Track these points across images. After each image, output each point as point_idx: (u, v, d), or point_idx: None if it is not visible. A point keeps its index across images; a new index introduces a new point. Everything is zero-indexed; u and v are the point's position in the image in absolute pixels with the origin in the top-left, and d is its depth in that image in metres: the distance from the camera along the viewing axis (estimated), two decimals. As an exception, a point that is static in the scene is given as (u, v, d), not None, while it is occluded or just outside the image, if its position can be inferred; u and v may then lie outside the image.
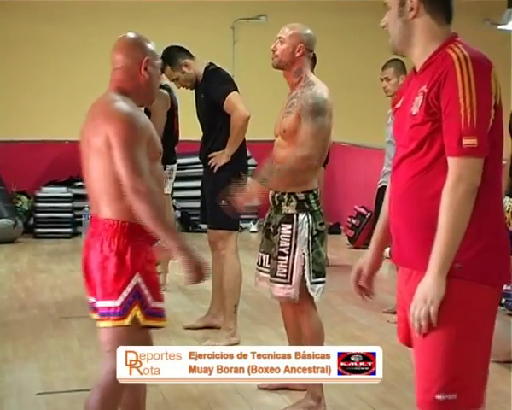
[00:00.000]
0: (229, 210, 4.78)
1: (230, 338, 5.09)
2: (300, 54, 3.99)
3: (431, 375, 2.43)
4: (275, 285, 4.02)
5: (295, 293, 3.96)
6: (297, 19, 4.60)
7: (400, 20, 2.49)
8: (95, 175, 3.06)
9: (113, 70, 3.19)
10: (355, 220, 8.74)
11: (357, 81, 10.46)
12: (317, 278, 3.99)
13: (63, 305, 6.17)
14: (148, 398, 4.17)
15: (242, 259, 5.42)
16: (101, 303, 3.06)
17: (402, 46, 2.52)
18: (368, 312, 5.92)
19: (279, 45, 4.03)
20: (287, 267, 3.96)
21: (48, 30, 9.89)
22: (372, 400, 4.27)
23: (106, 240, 3.02)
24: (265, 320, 5.69)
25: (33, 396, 4.18)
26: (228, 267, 5.20)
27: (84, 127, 3.13)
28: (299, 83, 3.98)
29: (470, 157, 2.35)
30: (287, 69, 4.03)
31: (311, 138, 3.87)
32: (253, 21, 10.55)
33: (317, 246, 3.99)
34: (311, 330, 4.03)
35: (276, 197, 4.06)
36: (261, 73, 10.29)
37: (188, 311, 5.98)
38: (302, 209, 3.97)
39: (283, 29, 4.08)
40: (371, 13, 10.64)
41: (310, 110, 3.87)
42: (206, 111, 5.21)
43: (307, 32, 4.06)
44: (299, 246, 3.95)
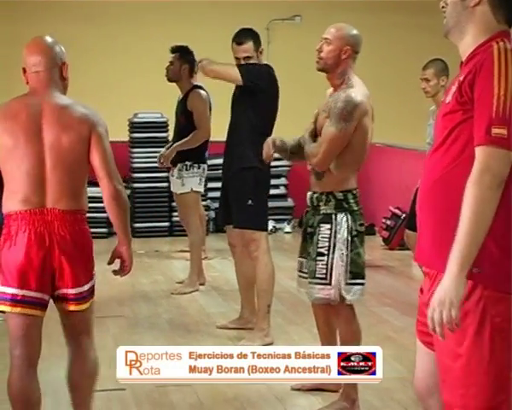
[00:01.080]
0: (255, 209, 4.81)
1: (264, 338, 5.09)
2: (346, 56, 3.92)
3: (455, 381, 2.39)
4: (314, 287, 3.97)
5: (335, 294, 3.93)
6: (331, 19, 4.57)
7: (461, 5, 2.44)
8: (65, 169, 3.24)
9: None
10: (390, 221, 8.69)
11: (391, 82, 10.41)
12: (355, 279, 3.94)
13: (98, 304, 6.14)
14: (182, 398, 4.21)
15: (276, 260, 5.42)
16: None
17: (454, 31, 2.48)
18: (403, 313, 5.88)
19: (325, 47, 3.94)
20: (326, 268, 3.92)
21: (81, 31, 9.99)
22: (407, 402, 4.24)
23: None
24: (299, 321, 5.68)
25: (68, 395, 4.20)
26: (261, 268, 5.19)
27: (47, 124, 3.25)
28: (341, 85, 3.93)
29: (498, 147, 2.26)
30: (331, 71, 3.95)
31: (327, 142, 3.86)
32: (287, 22, 10.55)
33: (357, 247, 3.94)
34: (348, 334, 3.99)
35: (315, 198, 4.02)
36: (295, 73, 10.33)
37: (222, 311, 5.99)
38: (341, 209, 3.93)
39: (329, 29, 3.97)
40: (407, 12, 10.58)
41: (335, 113, 3.84)
42: (238, 97, 5.20)
43: (354, 34, 3.98)
44: (337, 246, 3.91)
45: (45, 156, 3.23)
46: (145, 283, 6.99)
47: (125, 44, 10.13)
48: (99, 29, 10.10)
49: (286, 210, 9.91)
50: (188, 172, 6.63)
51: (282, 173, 9.85)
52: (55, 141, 3.24)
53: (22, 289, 3.21)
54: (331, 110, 3.87)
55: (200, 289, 6.63)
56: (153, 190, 9.29)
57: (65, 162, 3.25)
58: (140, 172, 9.31)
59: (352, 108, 3.83)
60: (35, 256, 3.20)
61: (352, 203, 3.95)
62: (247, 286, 5.39)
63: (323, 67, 3.97)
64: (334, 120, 3.84)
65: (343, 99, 3.85)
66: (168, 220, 9.34)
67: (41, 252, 3.21)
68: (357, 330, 4.03)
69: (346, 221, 3.92)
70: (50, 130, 3.24)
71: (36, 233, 3.20)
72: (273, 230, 9.46)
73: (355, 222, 3.94)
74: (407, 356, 4.98)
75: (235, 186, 5.22)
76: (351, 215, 3.93)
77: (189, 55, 6.69)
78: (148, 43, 9.86)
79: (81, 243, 3.30)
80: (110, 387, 4.11)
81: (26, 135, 3.22)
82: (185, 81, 6.63)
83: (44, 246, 3.21)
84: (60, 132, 3.25)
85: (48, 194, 3.23)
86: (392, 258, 7.79)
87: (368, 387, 4.16)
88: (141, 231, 9.21)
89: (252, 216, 5.16)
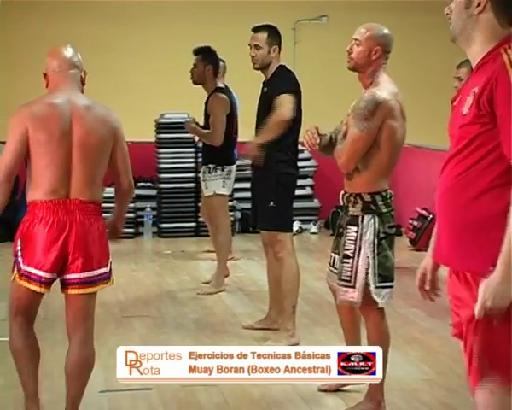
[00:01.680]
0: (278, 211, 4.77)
1: (290, 339, 5.08)
2: (377, 57, 3.90)
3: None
4: (340, 288, 3.96)
5: (358, 297, 3.90)
6: (359, 19, 4.56)
7: (465, 12, 2.48)
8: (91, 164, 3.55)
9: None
10: (416, 222, 8.65)
11: (418, 82, 10.36)
12: (384, 282, 3.90)
13: (125, 304, 6.24)
14: (208, 399, 4.22)
15: (302, 260, 5.41)
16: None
17: (461, 38, 2.52)
18: (430, 315, 5.85)
19: (355, 47, 3.92)
20: (351, 270, 3.90)
21: (109, 32, 10.05)
22: (434, 404, 4.22)
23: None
24: (325, 322, 5.67)
25: (96, 394, 4.24)
26: (286, 268, 5.19)
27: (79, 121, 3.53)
28: (370, 85, 3.92)
29: None
30: (361, 72, 3.94)
31: (350, 143, 3.85)
32: (314, 22, 10.53)
33: (384, 249, 3.90)
34: (376, 335, 3.96)
35: (345, 198, 4.00)
36: (322, 73, 10.32)
37: (248, 311, 5.99)
38: (368, 211, 3.90)
39: (359, 30, 3.95)
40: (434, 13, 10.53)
41: (357, 113, 3.83)
42: (265, 107, 5.19)
43: (384, 34, 3.95)
44: (363, 249, 3.88)
45: (73, 152, 3.51)
46: (171, 283, 7.01)
47: (151, 45, 10.17)
48: (126, 29, 10.15)
49: (312, 211, 9.89)
50: (210, 175, 6.64)
51: (308, 174, 9.84)
52: (82, 138, 3.51)
53: (40, 270, 3.51)
54: (354, 110, 3.86)
55: (226, 290, 6.64)
56: (179, 191, 9.32)
57: (89, 158, 3.54)
58: (166, 173, 9.34)
59: (374, 107, 3.81)
60: (55, 241, 3.49)
61: (381, 205, 3.91)
62: (276, 286, 5.39)
63: (354, 67, 3.96)
64: (357, 121, 3.83)
65: (365, 98, 3.84)
66: (194, 221, 9.36)
67: (61, 237, 3.49)
68: (385, 331, 4.00)
69: (372, 224, 3.88)
70: (79, 128, 3.51)
71: (58, 221, 3.49)
72: (299, 230, 9.45)
73: (383, 224, 3.89)
74: (434, 358, 4.96)
75: (259, 188, 5.24)
76: (379, 217, 3.89)
77: (213, 56, 6.68)
78: (175, 44, 9.89)
79: (97, 231, 3.58)
80: (137, 387, 4.13)
81: (60, 132, 3.48)
82: (210, 82, 6.63)
83: (64, 232, 3.50)
84: (87, 130, 3.52)
85: (72, 186, 3.52)
86: (418, 259, 7.68)
87: (394, 388, 4.15)
88: (167, 231, 9.25)
89: (274, 218, 5.16)
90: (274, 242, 5.25)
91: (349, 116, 3.96)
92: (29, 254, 3.52)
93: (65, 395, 3.70)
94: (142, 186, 9.51)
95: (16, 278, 3.57)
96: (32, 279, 3.52)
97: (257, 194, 5.34)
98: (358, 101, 3.87)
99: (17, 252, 3.57)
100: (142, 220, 9.27)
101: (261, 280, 6.21)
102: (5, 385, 4.43)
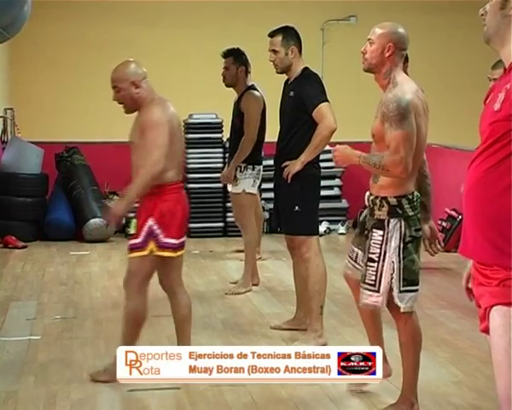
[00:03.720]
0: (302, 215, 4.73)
1: (318, 339, 5.08)
2: (390, 53, 3.86)
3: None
4: (364, 292, 3.93)
5: (383, 301, 3.87)
6: (387, 19, 4.52)
7: (500, 13, 2.48)
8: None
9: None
10: (445, 223, 8.60)
11: (447, 82, 10.29)
12: (408, 286, 3.86)
13: (154, 304, 6.22)
14: (236, 398, 4.22)
15: (330, 261, 5.40)
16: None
17: (495, 39, 2.53)
18: (459, 316, 5.82)
19: (368, 47, 3.91)
20: (375, 274, 3.86)
21: (137, 33, 10.11)
22: (464, 406, 4.19)
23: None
24: (353, 322, 5.65)
25: (125, 393, 4.26)
26: (312, 269, 5.18)
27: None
28: (387, 85, 3.87)
29: None
30: (377, 72, 3.91)
31: (403, 145, 3.75)
32: (342, 22, 10.51)
33: (410, 253, 3.85)
34: (408, 338, 3.94)
35: (371, 200, 3.97)
36: (350, 74, 10.26)
37: (275, 312, 5.99)
38: (394, 215, 3.85)
39: (373, 29, 3.95)
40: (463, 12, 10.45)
41: (392, 116, 3.75)
42: (292, 109, 5.18)
43: (397, 31, 3.92)
44: (388, 253, 3.84)
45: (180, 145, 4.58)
46: (199, 283, 7.03)
47: (180, 45, 10.22)
48: (155, 31, 10.20)
49: (340, 211, 9.86)
50: (241, 174, 6.65)
51: (336, 174, 9.81)
52: (182, 137, 4.68)
53: (182, 238, 4.46)
54: (386, 115, 3.78)
55: (253, 290, 6.65)
56: (207, 191, 9.34)
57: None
58: (195, 173, 9.37)
59: (406, 105, 3.75)
60: (187, 214, 4.55)
61: (407, 209, 3.86)
62: (302, 287, 5.39)
63: (368, 67, 3.93)
64: (397, 123, 3.75)
65: (393, 100, 3.77)
66: (222, 221, 9.38)
67: (187, 211, 4.57)
68: (416, 333, 3.97)
69: (399, 228, 3.84)
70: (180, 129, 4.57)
71: (185, 198, 4.59)
72: (327, 231, 9.43)
73: (410, 228, 3.85)
74: (463, 359, 4.93)
75: (283, 192, 5.23)
76: (405, 221, 3.85)
77: (243, 56, 6.70)
78: (203, 44, 9.92)
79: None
80: (165, 386, 4.15)
81: (178, 132, 4.50)
82: (242, 83, 6.66)
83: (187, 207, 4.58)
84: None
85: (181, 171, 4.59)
86: (448, 260, 7.69)
87: (424, 391, 4.12)
88: (195, 231, 9.27)
89: (300, 222, 5.16)
90: (300, 243, 5.24)
91: (376, 117, 3.91)
92: (173, 228, 4.36)
93: (93, 394, 3.72)
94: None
95: (155, 251, 4.31)
96: (172, 248, 4.36)
97: (281, 198, 5.32)
98: (386, 105, 3.79)
99: (153, 229, 4.32)
100: (170, 220, 9.30)
101: (289, 281, 6.20)
102: (36, 382, 4.48)
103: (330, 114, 5.06)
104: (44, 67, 10.06)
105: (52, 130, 9.84)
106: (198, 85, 9.80)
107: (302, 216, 5.14)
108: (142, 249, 4.34)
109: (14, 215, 8.72)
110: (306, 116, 5.08)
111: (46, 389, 4.32)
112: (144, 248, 4.34)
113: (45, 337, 5.28)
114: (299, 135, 5.12)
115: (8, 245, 8.49)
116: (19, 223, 8.72)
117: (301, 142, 5.09)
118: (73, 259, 8.00)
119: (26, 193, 8.85)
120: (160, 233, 4.33)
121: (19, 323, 5.68)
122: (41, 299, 6.38)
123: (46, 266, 7.64)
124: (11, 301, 6.28)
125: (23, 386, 4.42)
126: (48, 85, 10.05)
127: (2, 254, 8.23)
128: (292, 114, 5.16)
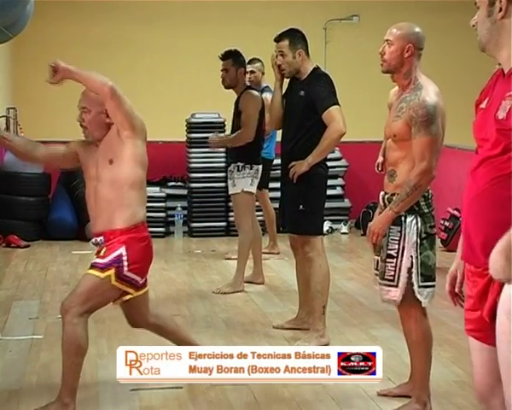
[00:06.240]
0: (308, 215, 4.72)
1: (320, 339, 5.08)
2: (409, 55, 3.89)
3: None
4: (383, 288, 3.98)
5: (400, 296, 3.91)
6: (390, 19, 4.54)
7: (489, 21, 2.49)
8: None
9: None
10: (448, 223, 8.60)
11: (450, 82, 10.27)
12: (426, 281, 3.92)
13: (156, 303, 6.25)
14: (239, 398, 4.22)
15: (332, 260, 5.40)
16: None
17: (489, 46, 2.53)
18: (461, 316, 5.78)
19: (387, 48, 3.92)
20: (394, 270, 3.91)
21: (139, 32, 10.11)
22: (466, 406, 4.19)
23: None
24: (355, 322, 5.66)
25: (127, 392, 4.26)
26: (316, 269, 5.18)
27: None
28: (408, 85, 3.90)
29: None
30: (396, 72, 3.94)
31: (429, 151, 3.83)
32: (345, 22, 10.51)
33: (426, 249, 3.91)
34: (419, 336, 3.97)
35: (386, 198, 4.00)
36: (353, 73, 10.28)
37: (278, 311, 6.00)
38: (411, 211, 3.90)
39: (390, 30, 3.95)
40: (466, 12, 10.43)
41: (421, 121, 3.80)
42: (301, 109, 5.17)
43: (415, 31, 3.94)
44: (407, 249, 3.89)
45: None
46: (202, 282, 7.03)
47: (182, 45, 10.21)
48: (158, 30, 10.20)
49: (342, 211, 9.85)
50: (239, 173, 6.64)
51: (339, 174, 9.80)
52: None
53: (145, 277, 4.05)
54: (414, 119, 3.81)
55: (256, 289, 6.65)
56: (210, 190, 9.34)
57: None
58: (197, 172, 9.37)
59: (434, 110, 3.81)
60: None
61: (423, 205, 3.92)
62: (305, 287, 5.39)
63: (388, 69, 3.96)
64: (426, 128, 3.80)
65: (423, 105, 3.80)
66: (225, 220, 9.38)
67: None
68: (428, 330, 4.01)
69: (415, 224, 3.89)
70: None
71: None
72: (329, 230, 9.42)
73: (425, 224, 3.91)
74: (466, 359, 4.89)
75: (289, 191, 5.23)
76: (421, 218, 3.90)
77: (241, 57, 6.73)
78: (206, 43, 9.91)
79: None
80: (168, 385, 4.15)
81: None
82: (241, 84, 6.68)
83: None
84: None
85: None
86: (450, 260, 7.63)
87: (439, 394, 4.11)
88: (198, 230, 9.28)
89: (304, 221, 5.16)
90: (304, 243, 5.24)
91: (391, 120, 3.92)
92: (144, 267, 3.98)
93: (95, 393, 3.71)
94: (172, 185, 9.56)
95: (113, 280, 3.84)
96: (134, 285, 3.91)
97: (287, 197, 5.32)
98: (414, 109, 3.81)
99: (121, 258, 3.87)
100: (173, 220, 9.31)
101: (291, 280, 6.20)
102: (38, 381, 4.48)
103: (340, 117, 5.07)
104: (47, 66, 10.06)
105: (55, 129, 9.82)
106: (201, 84, 9.79)
107: (306, 215, 5.14)
108: (101, 270, 3.85)
109: (17, 215, 8.73)
110: (316, 117, 5.08)
111: (49, 389, 4.32)
112: (103, 271, 3.85)
113: (48, 337, 5.28)
114: (308, 136, 5.13)
115: (11, 244, 8.50)
116: (21, 222, 8.72)
117: (309, 143, 5.10)
118: (76, 258, 8.00)
119: (29, 192, 8.86)
120: (126, 266, 3.87)
121: (21, 322, 5.68)
122: (43, 298, 6.39)
123: (49, 266, 7.65)
124: (14, 301, 6.29)
125: (26, 385, 4.42)
126: (50, 85, 10.05)
127: (4, 253, 8.24)
128: (302, 114, 5.16)
